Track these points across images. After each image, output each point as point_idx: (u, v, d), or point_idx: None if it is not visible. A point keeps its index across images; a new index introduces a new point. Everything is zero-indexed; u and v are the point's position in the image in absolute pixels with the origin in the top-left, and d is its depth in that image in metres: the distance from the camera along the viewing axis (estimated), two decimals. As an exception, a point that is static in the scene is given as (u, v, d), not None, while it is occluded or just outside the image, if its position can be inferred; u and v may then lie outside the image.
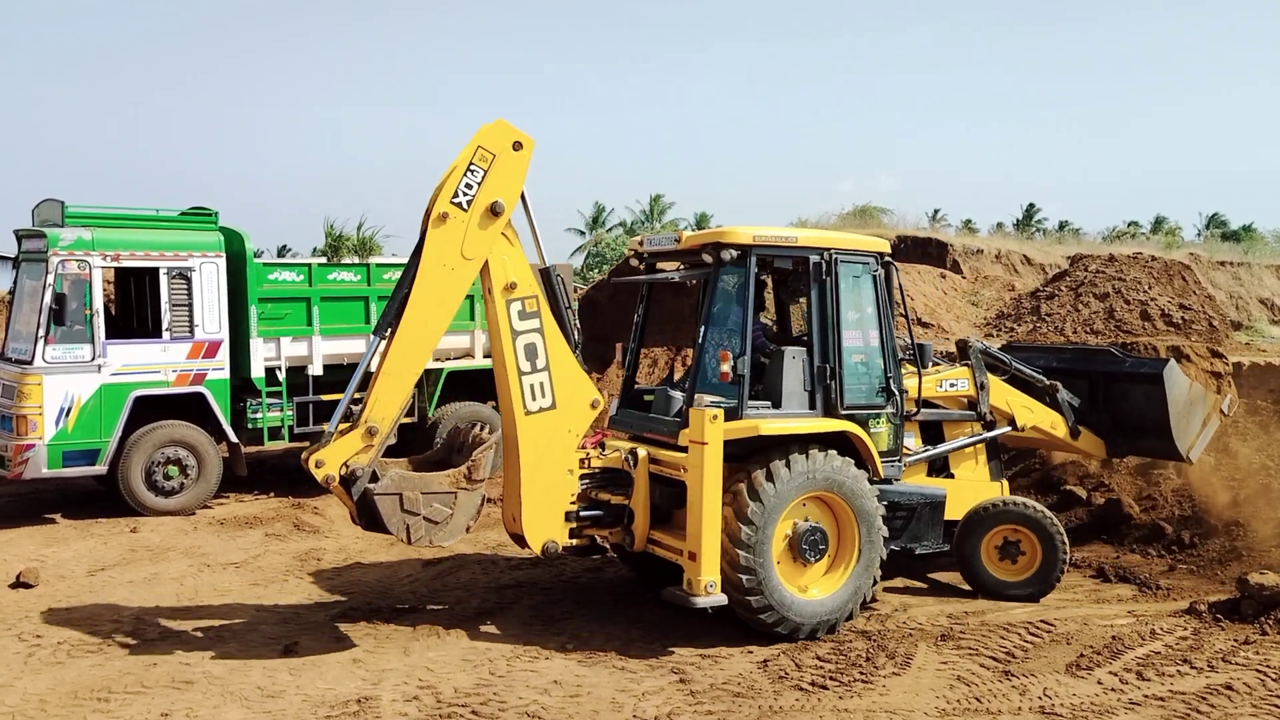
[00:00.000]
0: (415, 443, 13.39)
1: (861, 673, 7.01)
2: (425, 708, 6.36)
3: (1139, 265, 19.40)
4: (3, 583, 8.97)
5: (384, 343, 7.15)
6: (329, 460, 6.81)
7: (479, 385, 13.47)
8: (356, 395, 7.50)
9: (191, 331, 11.64)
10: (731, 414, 7.50)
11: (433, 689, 6.66)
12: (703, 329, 7.98)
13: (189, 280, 11.62)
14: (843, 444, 7.94)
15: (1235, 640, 7.61)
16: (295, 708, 6.35)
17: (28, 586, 8.83)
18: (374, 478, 6.89)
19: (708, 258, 7.80)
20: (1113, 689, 6.77)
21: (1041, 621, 8.08)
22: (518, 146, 7.36)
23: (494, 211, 7.26)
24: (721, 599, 7.36)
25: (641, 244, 8.77)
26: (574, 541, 7.75)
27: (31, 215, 12.11)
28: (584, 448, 7.93)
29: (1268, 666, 7.07)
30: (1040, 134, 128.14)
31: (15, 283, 12.16)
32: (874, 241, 8.54)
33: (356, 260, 13.04)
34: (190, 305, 11.63)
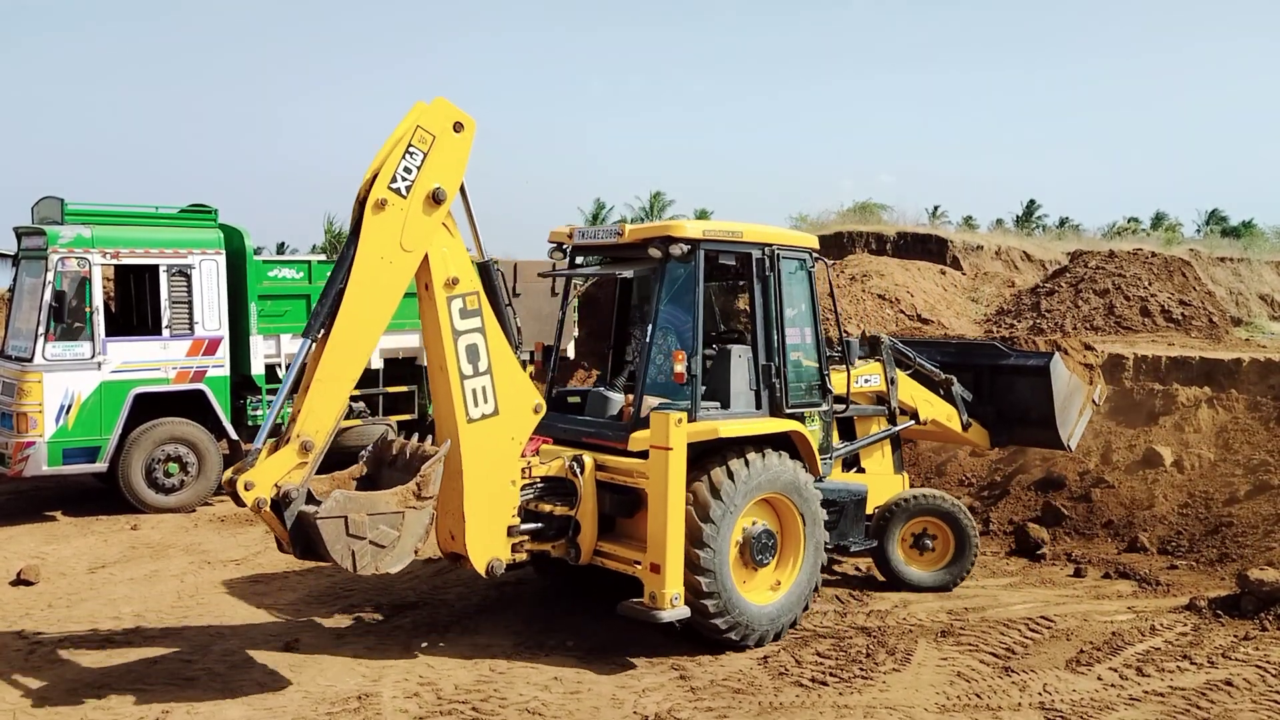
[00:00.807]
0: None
1: (862, 669, 7.02)
2: (425, 704, 6.37)
3: (1139, 261, 19.39)
4: (3, 580, 8.98)
5: (315, 346, 6.36)
6: (260, 481, 5.98)
7: None
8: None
9: (191, 329, 11.64)
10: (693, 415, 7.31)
11: (433, 686, 6.66)
12: (650, 328, 7.63)
13: (189, 277, 11.62)
14: (785, 444, 7.76)
15: (1235, 636, 7.62)
16: (296, 705, 6.36)
17: (28, 584, 8.84)
18: (310, 498, 6.15)
19: (656, 253, 7.44)
20: (1113, 685, 6.78)
21: (1041, 617, 8.10)
22: (459, 128, 6.67)
23: (435, 199, 6.55)
24: (685, 612, 7.05)
25: (571, 235, 8.24)
26: (516, 557, 7.24)
27: (31, 213, 12.11)
28: (523, 456, 7.33)
29: (1267, 662, 7.08)
30: (1040, 131, 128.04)
31: (15, 280, 12.16)
32: (806, 237, 8.56)
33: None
34: (190, 302, 11.63)
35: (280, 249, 48.98)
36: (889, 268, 19.51)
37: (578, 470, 7.30)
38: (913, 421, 9.48)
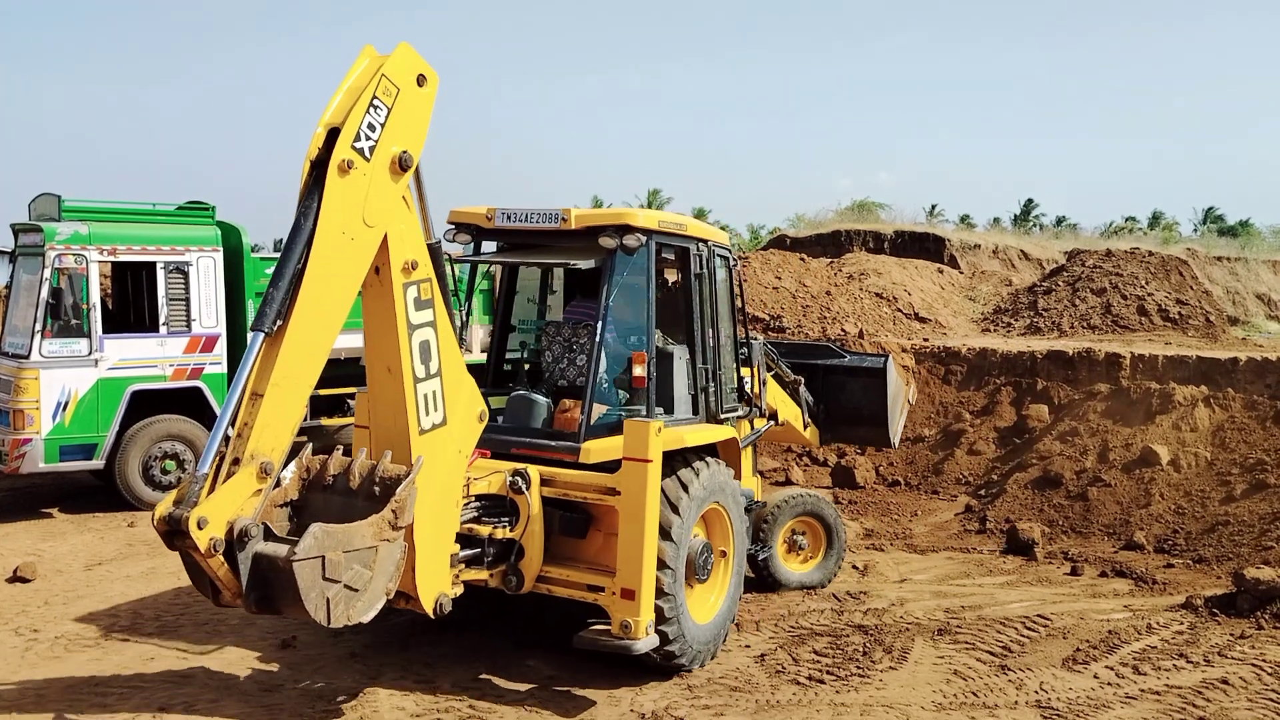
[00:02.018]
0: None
1: (858, 667, 7.03)
2: (422, 703, 6.37)
3: (1136, 260, 19.42)
4: (0, 577, 8.96)
5: (269, 341, 5.14)
6: (214, 517, 4.75)
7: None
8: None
9: (188, 326, 11.61)
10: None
11: (430, 683, 6.66)
12: (600, 326, 6.86)
13: (186, 274, 11.60)
14: (712, 450, 7.32)
15: (1231, 635, 7.64)
16: (293, 701, 6.36)
17: (25, 581, 8.82)
18: (268, 534, 5.00)
19: (610, 242, 6.73)
20: (1109, 683, 6.79)
21: (1038, 616, 8.10)
22: (421, 81, 5.67)
23: (402, 165, 5.56)
24: (656, 640, 6.43)
25: (490, 217, 7.24)
26: (455, 590, 6.22)
27: (28, 209, 12.08)
28: None
29: (1263, 661, 7.09)
30: (1038, 129, 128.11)
31: (12, 277, 12.13)
32: (723, 234, 8.09)
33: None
34: (187, 300, 11.60)
35: (278, 246, 48.94)
36: (886, 266, 19.53)
37: (522, 486, 6.44)
38: (772, 422, 9.13)
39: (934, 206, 51.89)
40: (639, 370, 6.81)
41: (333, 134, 5.29)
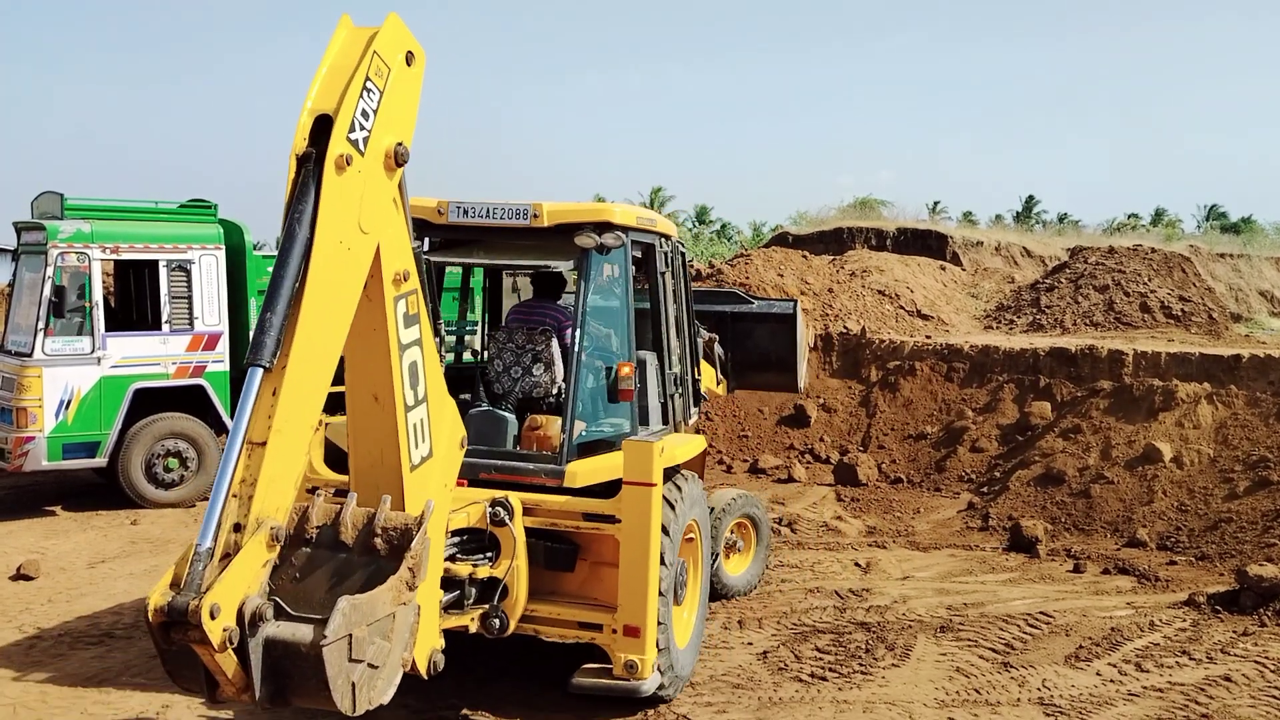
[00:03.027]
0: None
1: (861, 664, 7.03)
2: (424, 699, 6.37)
3: (1138, 257, 19.40)
4: (3, 575, 8.97)
5: (266, 379, 4.02)
6: (227, 602, 3.69)
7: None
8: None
9: (191, 324, 11.62)
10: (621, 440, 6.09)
11: (432, 682, 6.65)
12: (579, 333, 6.20)
13: (188, 273, 11.61)
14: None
15: (1234, 632, 7.64)
16: (296, 699, 6.35)
17: (28, 579, 8.83)
18: (278, 612, 3.95)
19: (589, 241, 6.08)
20: (1111, 680, 6.79)
21: (1040, 613, 8.10)
22: (410, 59, 4.73)
23: (398, 160, 4.62)
24: (659, 679, 5.97)
25: (442, 211, 6.40)
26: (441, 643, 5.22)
27: (30, 207, 12.09)
28: None
29: (1266, 658, 7.09)
30: (1040, 126, 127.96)
31: (14, 275, 12.14)
32: (674, 227, 7.48)
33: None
34: (190, 298, 11.61)
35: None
36: (889, 264, 19.50)
37: (505, 518, 5.66)
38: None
39: (936, 204, 51.90)
40: (626, 382, 6.20)
41: (321, 122, 4.28)
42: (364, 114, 4.39)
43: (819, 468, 13.90)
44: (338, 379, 4.54)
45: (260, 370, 3.99)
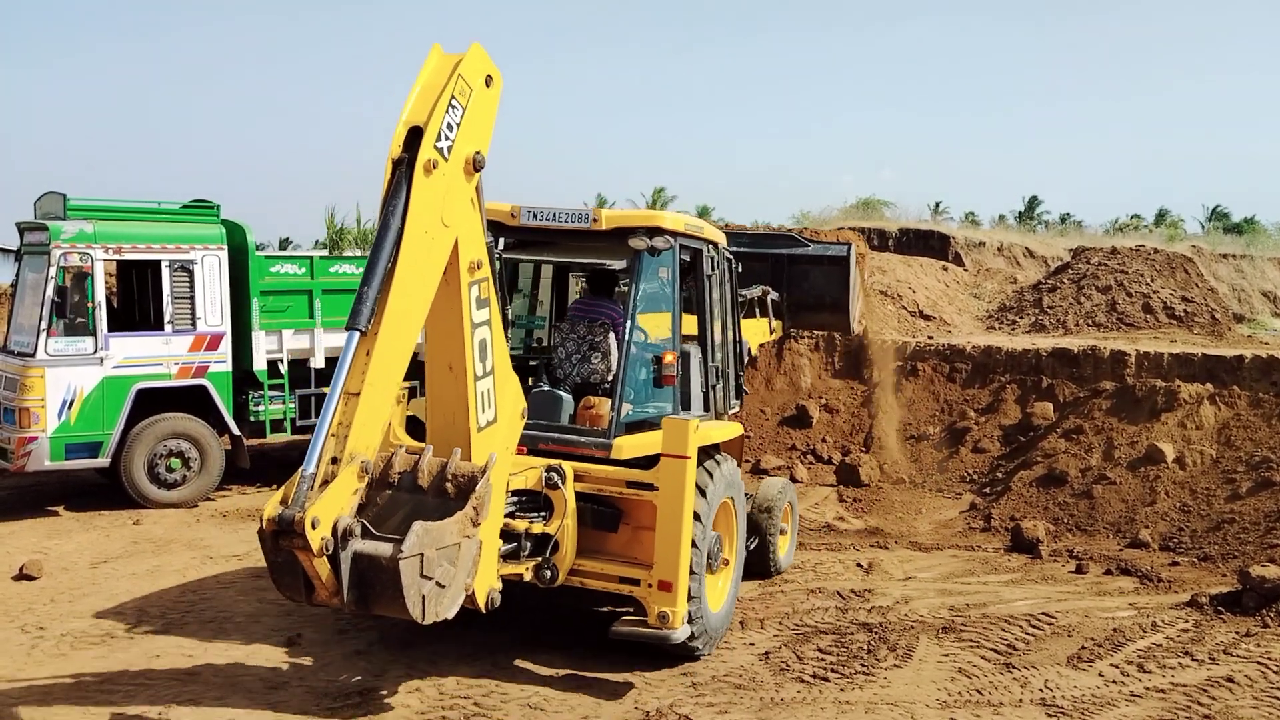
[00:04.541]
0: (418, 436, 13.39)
1: (863, 665, 7.03)
2: (427, 699, 6.38)
3: (1141, 258, 19.38)
4: (6, 575, 8.98)
5: (362, 341, 5.15)
6: (324, 516, 4.72)
7: None
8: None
9: (194, 324, 11.63)
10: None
11: (435, 680, 6.67)
12: (629, 325, 7.09)
13: (191, 273, 11.62)
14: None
15: (1236, 633, 7.63)
16: (298, 699, 6.37)
17: (31, 579, 8.84)
18: (364, 532, 4.95)
19: (640, 244, 6.89)
20: (1114, 681, 6.78)
21: (1043, 614, 8.10)
22: (489, 82, 5.75)
23: (475, 166, 5.64)
24: (689, 630, 6.70)
25: (514, 214, 7.30)
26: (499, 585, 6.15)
27: (33, 208, 12.11)
28: None
29: (1269, 659, 7.09)
30: (1042, 126, 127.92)
31: (17, 275, 12.15)
32: (722, 235, 8.36)
33: (358, 253, 13.04)
34: (192, 298, 11.62)
35: (283, 244, 48.91)
36: (891, 264, 19.49)
37: (558, 482, 6.51)
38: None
39: (938, 204, 51.68)
40: (669, 369, 7.04)
41: (413, 133, 5.29)
42: (449, 126, 5.38)
43: (821, 468, 13.89)
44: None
45: (357, 334, 5.06)
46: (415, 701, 6.35)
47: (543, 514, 6.59)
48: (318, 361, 12.53)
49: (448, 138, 5.39)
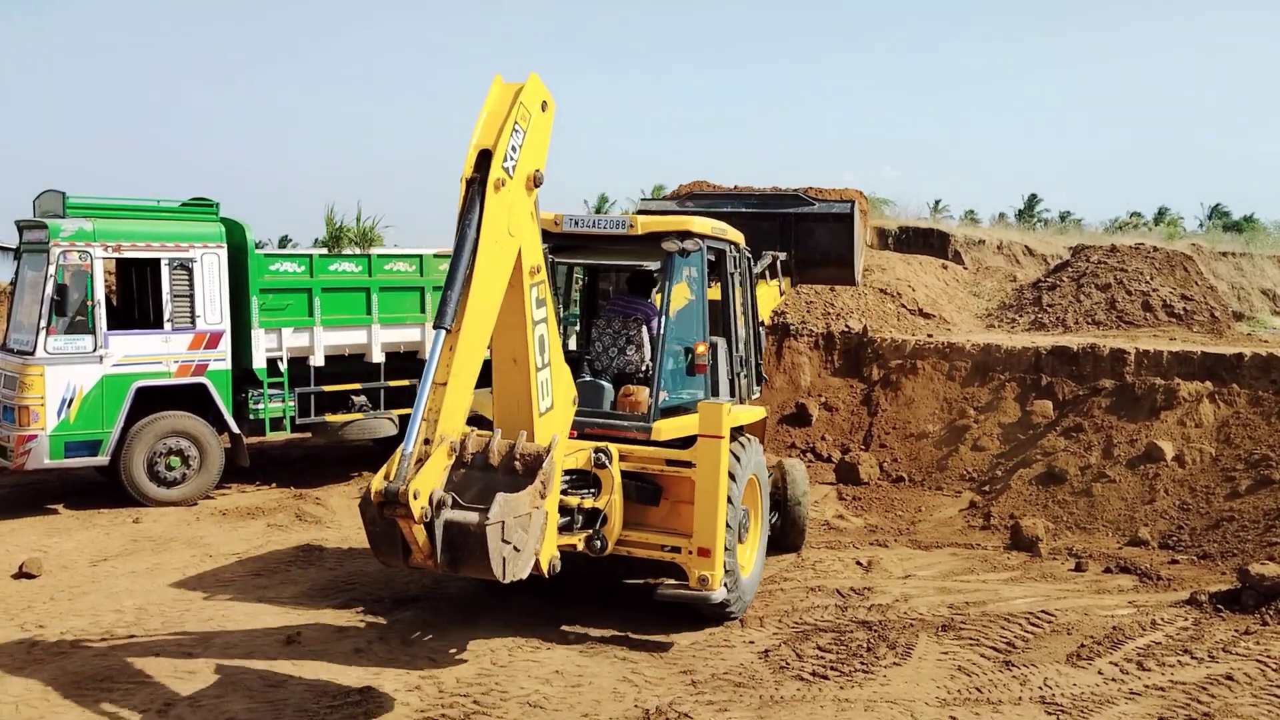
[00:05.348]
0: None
1: (862, 663, 7.03)
2: (427, 697, 6.38)
3: (1141, 256, 19.36)
4: (5, 573, 8.98)
5: (447, 338, 5.80)
6: (423, 488, 5.45)
7: None
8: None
9: (193, 322, 11.63)
10: (696, 406, 7.76)
11: (435, 679, 6.68)
12: (663, 319, 7.82)
13: (190, 271, 11.61)
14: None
15: (1236, 630, 7.63)
16: (298, 697, 6.37)
17: (30, 577, 8.85)
18: (454, 503, 5.64)
19: (673, 247, 7.62)
20: (1113, 679, 6.79)
21: (1042, 612, 8.10)
22: (544, 107, 6.51)
23: (536, 182, 6.40)
24: (725, 592, 7.42)
25: (559, 223, 8.00)
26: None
27: (32, 206, 12.10)
28: None
29: (1268, 657, 7.09)
30: (1042, 124, 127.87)
31: (17, 274, 12.14)
32: (741, 236, 9.00)
33: (358, 251, 13.03)
34: (192, 296, 11.62)
35: (283, 243, 48.92)
36: (891, 262, 19.48)
37: (605, 461, 7.30)
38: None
39: (938, 202, 51.62)
40: (701, 358, 7.79)
41: (483, 155, 6.02)
42: (513, 148, 6.09)
43: (820, 466, 13.89)
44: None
45: (443, 332, 5.72)
46: (415, 700, 6.36)
47: (592, 490, 7.33)
48: (317, 360, 12.52)
49: (512, 158, 6.09)
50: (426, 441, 5.60)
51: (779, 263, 10.62)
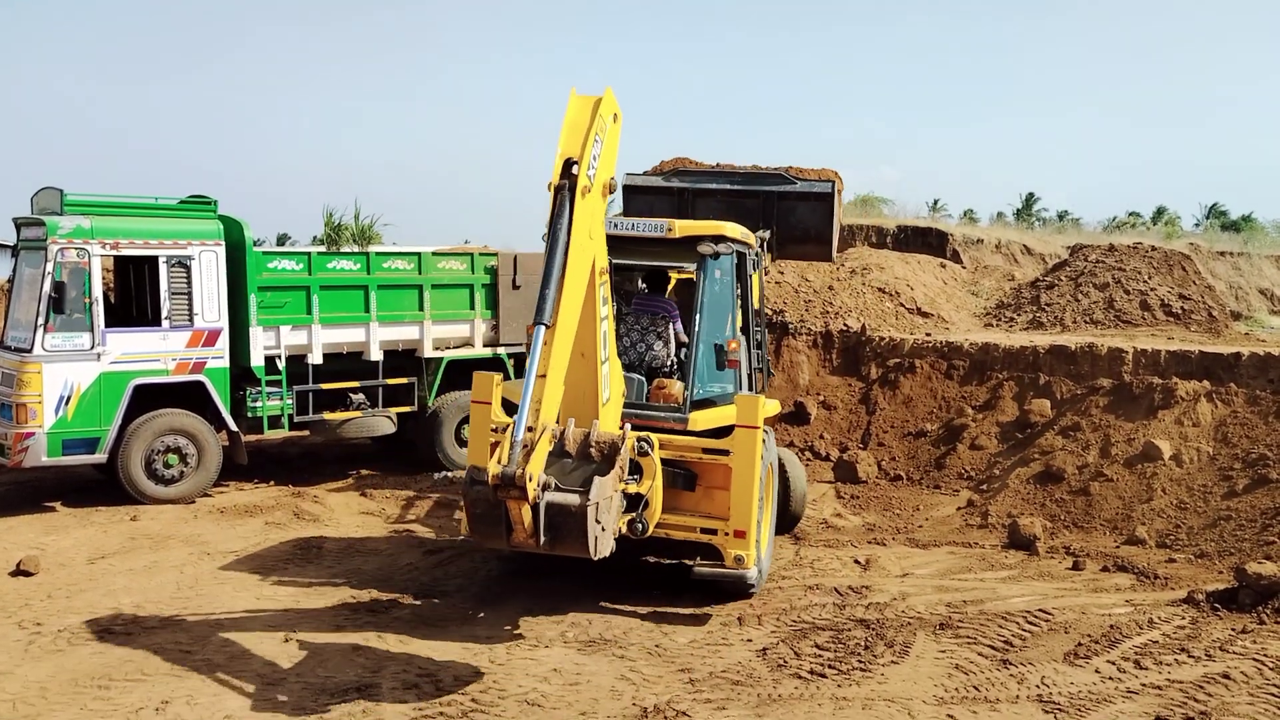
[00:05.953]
0: (416, 432, 13.40)
1: (860, 661, 7.04)
2: (425, 695, 6.38)
3: (1139, 255, 19.37)
4: (3, 570, 8.97)
5: (546, 333, 6.22)
6: (535, 473, 5.85)
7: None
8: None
9: (191, 320, 11.62)
10: (725, 398, 8.43)
11: (432, 677, 6.68)
12: (698, 318, 8.26)
13: (188, 269, 11.60)
14: None
15: (1233, 629, 7.64)
16: (295, 695, 6.37)
17: (28, 574, 8.84)
18: (554, 487, 6.04)
19: (708, 249, 8.16)
20: (1110, 678, 6.79)
21: (1039, 610, 8.11)
22: (616, 119, 7.08)
23: (610, 190, 6.94)
24: (757, 571, 8.01)
25: (614, 226, 8.37)
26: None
27: (30, 203, 12.08)
28: None
29: (1265, 655, 7.09)
30: (1041, 123, 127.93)
31: (14, 271, 12.12)
32: (753, 238, 9.52)
33: (356, 249, 13.03)
34: (190, 294, 11.60)
35: (281, 241, 48.83)
36: (889, 261, 19.48)
37: (648, 449, 7.47)
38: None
39: (937, 201, 51.64)
40: (733, 354, 8.30)
41: (567, 163, 6.46)
42: (594, 158, 6.56)
43: (819, 465, 13.90)
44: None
45: (543, 327, 6.16)
46: (412, 697, 6.35)
47: (635, 476, 7.44)
48: (315, 357, 12.51)
49: (593, 167, 6.56)
50: (529, 429, 5.97)
51: (762, 241, 10.88)
